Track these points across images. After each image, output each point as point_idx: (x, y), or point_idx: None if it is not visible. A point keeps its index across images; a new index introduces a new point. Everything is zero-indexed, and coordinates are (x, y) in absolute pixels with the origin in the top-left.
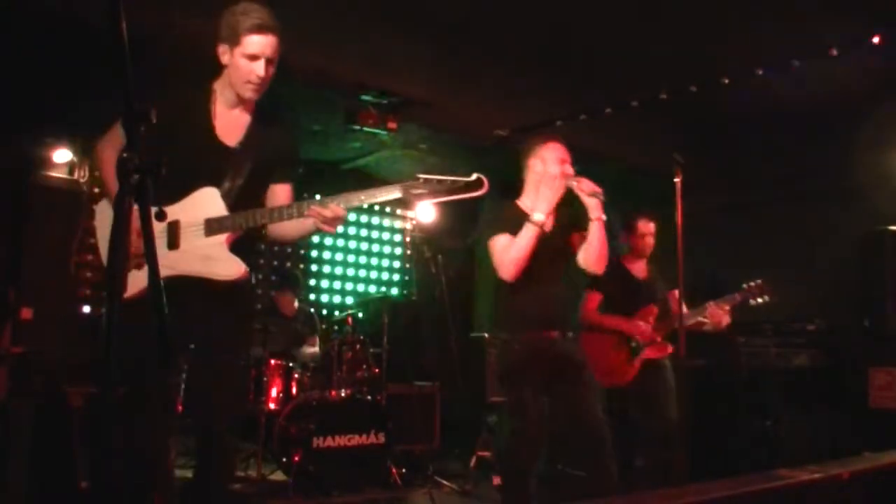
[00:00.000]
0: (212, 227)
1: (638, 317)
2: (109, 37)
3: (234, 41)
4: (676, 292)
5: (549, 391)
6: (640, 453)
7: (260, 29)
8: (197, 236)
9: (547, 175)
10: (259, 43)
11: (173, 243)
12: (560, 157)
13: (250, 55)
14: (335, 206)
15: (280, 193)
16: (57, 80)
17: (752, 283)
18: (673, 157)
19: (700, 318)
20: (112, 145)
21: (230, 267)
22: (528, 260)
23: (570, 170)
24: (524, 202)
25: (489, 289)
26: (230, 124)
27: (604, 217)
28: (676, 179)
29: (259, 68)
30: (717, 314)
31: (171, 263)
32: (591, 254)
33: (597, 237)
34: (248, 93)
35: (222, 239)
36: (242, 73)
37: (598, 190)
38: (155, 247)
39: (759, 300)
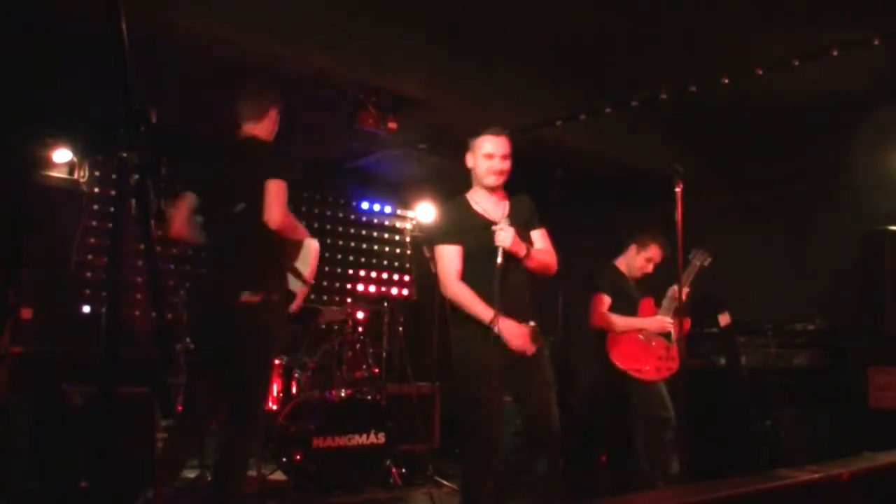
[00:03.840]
0: None
1: (642, 311)
2: (110, 37)
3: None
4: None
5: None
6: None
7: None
8: None
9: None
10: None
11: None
12: (487, 152)
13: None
14: None
15: None
16: (57, 80)
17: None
18: (673, 167)
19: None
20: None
21: None
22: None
23: (499, 165)
24: (472, 196)
25: None
26: None
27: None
28: (677, 189)
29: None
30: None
31: None
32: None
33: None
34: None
35: None
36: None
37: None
38: (155, 248)
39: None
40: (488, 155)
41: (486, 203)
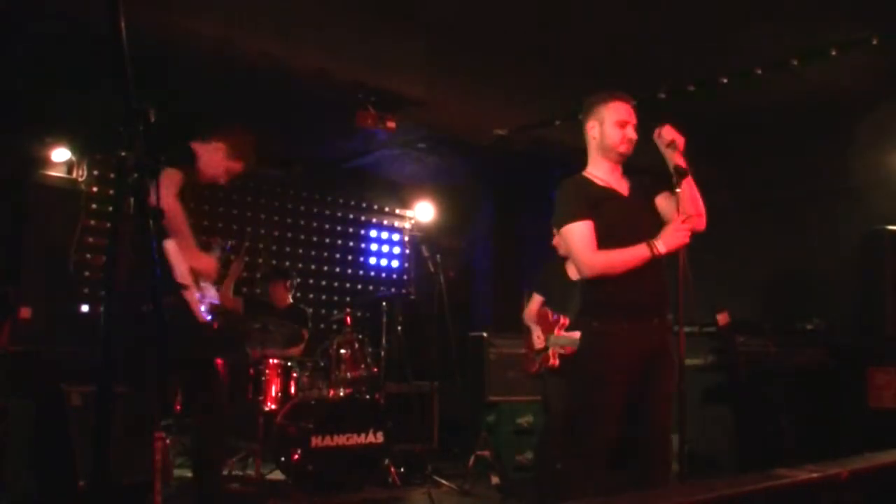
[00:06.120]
0: None
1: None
2: (109, 37)
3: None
4: None
5: (635, 390)
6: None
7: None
8: None
9: (681, 219)
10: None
11: None
12: (621, 119)
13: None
14: None
15: None
16: (57, 80)
17: None
18: (673, 167)
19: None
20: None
21: None
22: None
23: (632, 134)
24: (592, 172)
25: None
26: None
27: (687, 169)
28: (678, 189)
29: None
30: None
31: None
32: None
33: (687, 195)
34: None
35: None
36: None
37: (677, 138)
38: (154, 247)
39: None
40: (622, 122)
41: (610, 178)
